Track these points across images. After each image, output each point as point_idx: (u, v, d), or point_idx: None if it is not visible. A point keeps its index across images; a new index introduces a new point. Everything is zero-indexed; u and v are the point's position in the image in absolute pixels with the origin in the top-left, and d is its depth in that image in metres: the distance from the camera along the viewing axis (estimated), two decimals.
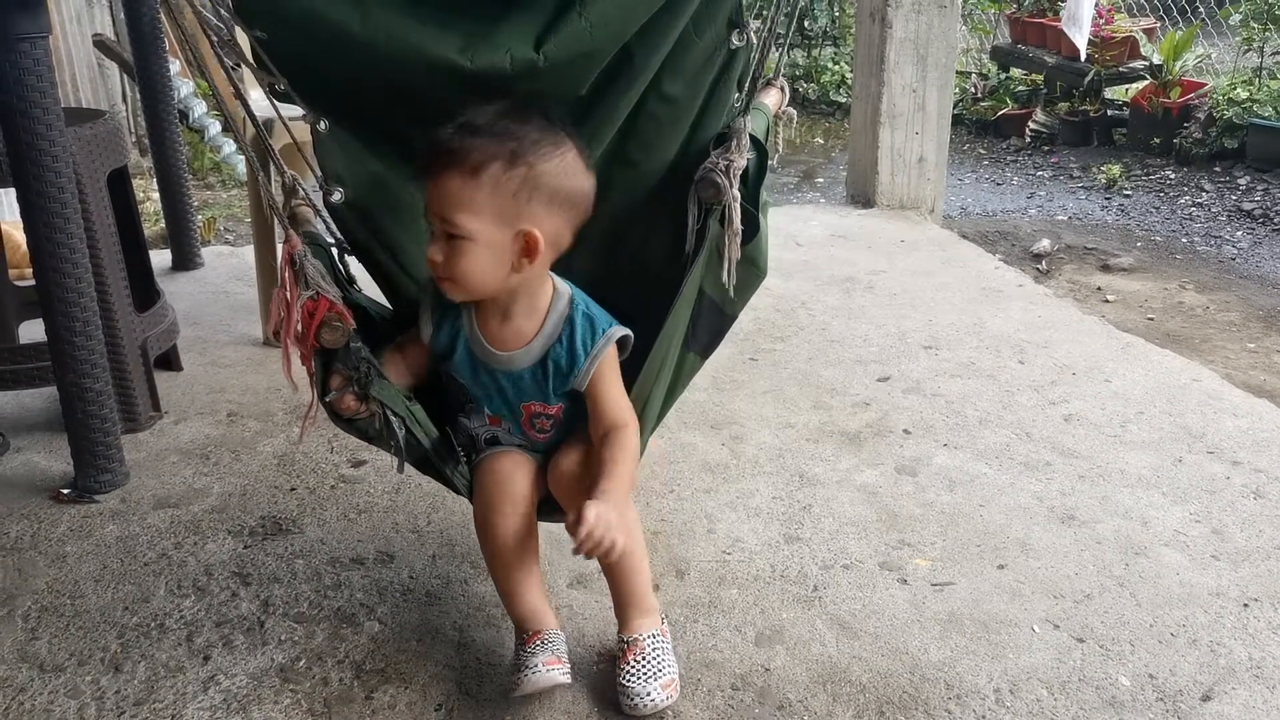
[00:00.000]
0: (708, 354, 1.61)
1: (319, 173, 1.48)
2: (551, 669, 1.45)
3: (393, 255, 1.54)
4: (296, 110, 1.48)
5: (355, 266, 1.56)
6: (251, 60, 1.41)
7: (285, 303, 1.35)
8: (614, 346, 1.48)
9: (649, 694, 1.46)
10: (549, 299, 1.48)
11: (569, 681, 1.47)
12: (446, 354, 1.51)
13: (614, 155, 1.57)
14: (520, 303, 1.46)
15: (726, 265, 1.49)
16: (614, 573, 1.52)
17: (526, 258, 1.38)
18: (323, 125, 1.44)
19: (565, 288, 1.49)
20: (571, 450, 1.51)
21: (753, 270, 1.55)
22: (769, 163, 1.55)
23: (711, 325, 1.57)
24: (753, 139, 1.52)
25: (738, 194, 1.46)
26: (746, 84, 1.54)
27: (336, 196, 1.47)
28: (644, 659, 1.49)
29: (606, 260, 1.58)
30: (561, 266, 1.50)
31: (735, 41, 1.52)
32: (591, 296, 1.51)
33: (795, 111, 1.74)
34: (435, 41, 1.38)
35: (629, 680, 1.47)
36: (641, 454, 1.53)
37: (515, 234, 1.37)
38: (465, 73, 1.39)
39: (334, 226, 1.52)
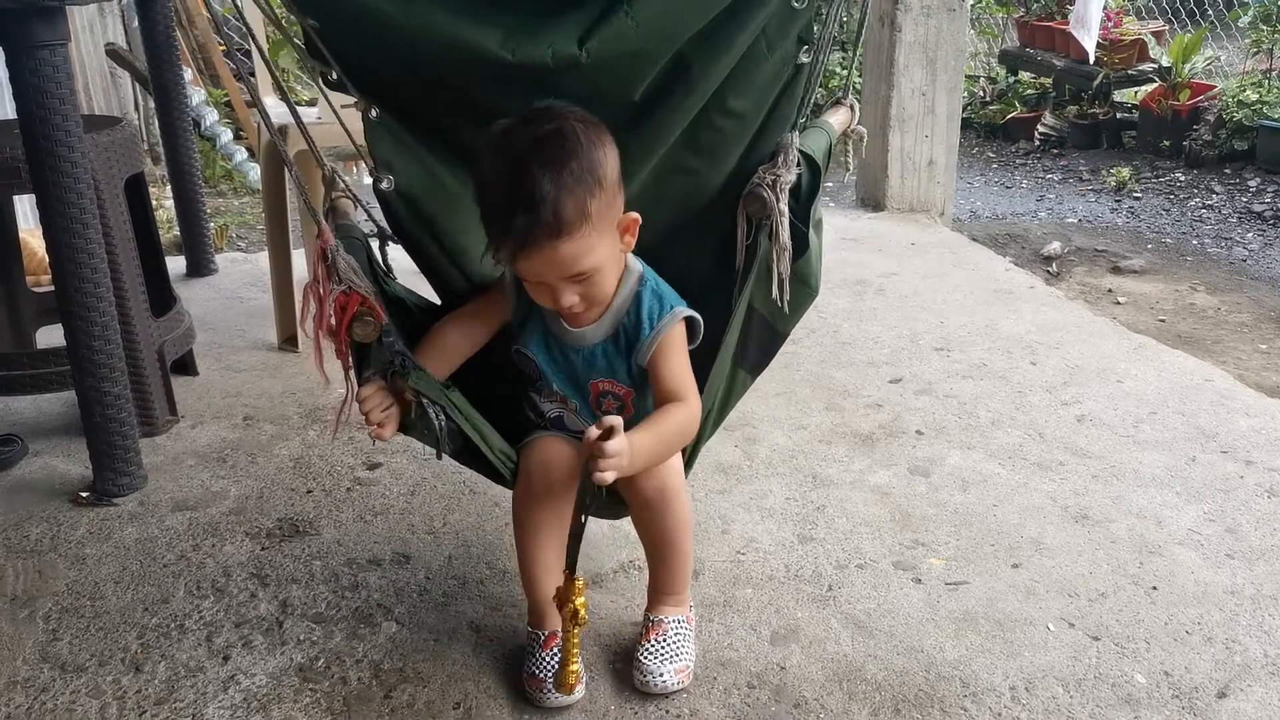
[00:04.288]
0: (758, 371, 1.60)
1: (367, 162, 1.48)
2: (572, 692, 1.47)
3: (440, 244, 1.54)
4: (312, 112, 1.50)
5: (395, 257, 1.56)
6: (304, 49, 1.41)
7: (318, 297, 1.36)
8: (681, 326, 1.47)
9: (661, 674, 1.48)
10: (621, 274, 1.48)
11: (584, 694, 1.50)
12: (519, 329, 1.52)
13: (674, 163, 1.56)
14: None
15: (775, 281, 1.48)
16: (658, 560, 1.55)
17: (629, 236, 1.42)
18: (374, 112, 1.44)
19: (636, 265, 1.50)
20: None
21: (804, 289, 1.54)
22: (823, 179, 1.54)
23: (762, 342, 1.56)
24: (807, 156, 1.52)
25: (785, 209, 1.46)
26: (810, 101, 1.54)
27: (386, 184, 1.46)
28: (664, 640, 1.52)
29: (656, 267, 1.56)
30: None
31: (803, 58, 1.51)
32: None
33: (865, 130, 1.74)
34: (476, 33, 1.37)
35: (645, 657, 1.50)
36: (688, 470, 1.55)
37: (616, 229, 1.40)
38: (506, 65, 1.38)
39: (380, 215, 1.53)
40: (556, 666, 1.44)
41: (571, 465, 1.52)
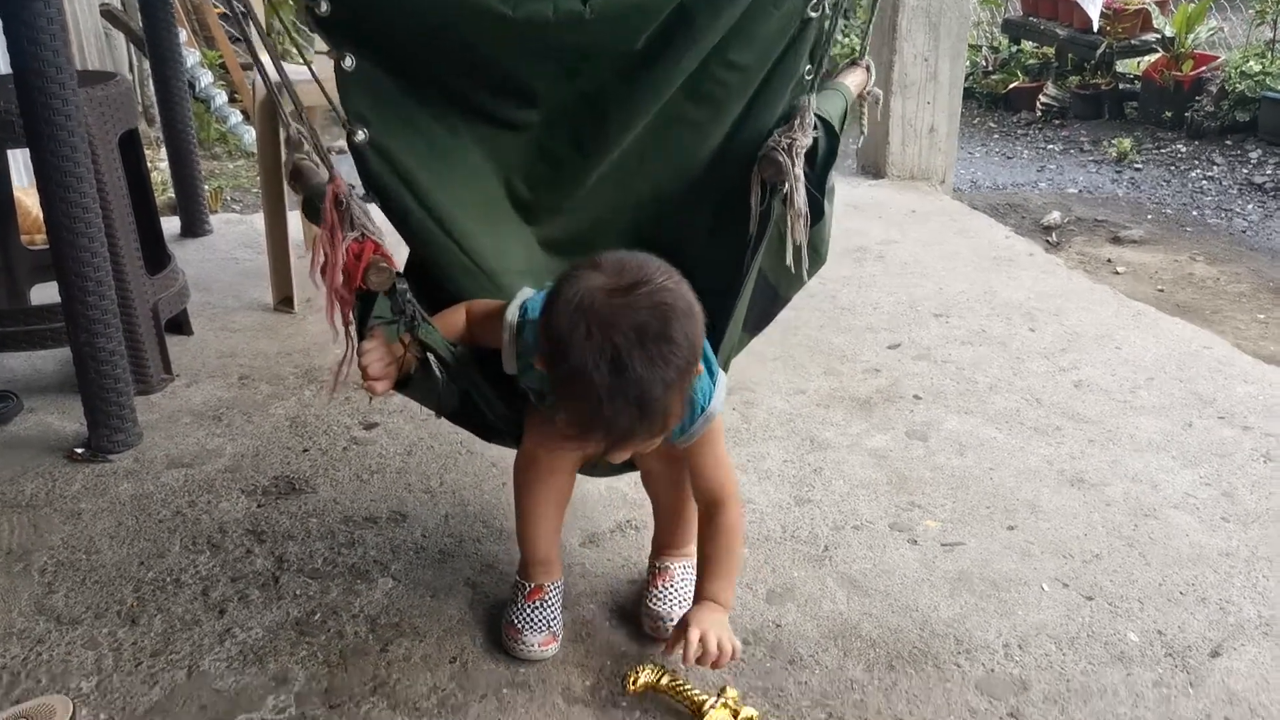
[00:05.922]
0: (756, 332, 1.59)
1: (339, 114, 1.40)
2: (545, 649, 1.49)
3: (417, 197, 1.46)
4: (308, 71, 1.45)
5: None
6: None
7: (330, 245, 1.28)
8: (717, 420, 1.39)
9: (672, 617, 1.50)
10: None
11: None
12: (531, 384, 1.43)
13: (675, 114, 1.52)
14: None
15: (790, 248, 1.43)
16: (668, 518, 1.56)
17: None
18: (348, 62, 1.36)
19: None
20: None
21: (814, 255, 1.52)
22: (838, 144, 1.51)
23: (763, 305, 1.55)
24: (824, 121, 1.49)
25: (801, 174, 1.42)
26: (823, 59, 1.51)
27: (360, 136, 1.39)
28: (672, 586, 1.54)
29: (653, 220, 1.53)
30: (606, 227, 1.48)
31: (810, 12, 1.49)
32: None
33: (881, 92, 1.69)
34: None
35: (655, 604, 1.52)
36: None
37: None
38: (507, 20, 1.35)
39: (354, 169, 1.46)
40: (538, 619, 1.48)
41: None
